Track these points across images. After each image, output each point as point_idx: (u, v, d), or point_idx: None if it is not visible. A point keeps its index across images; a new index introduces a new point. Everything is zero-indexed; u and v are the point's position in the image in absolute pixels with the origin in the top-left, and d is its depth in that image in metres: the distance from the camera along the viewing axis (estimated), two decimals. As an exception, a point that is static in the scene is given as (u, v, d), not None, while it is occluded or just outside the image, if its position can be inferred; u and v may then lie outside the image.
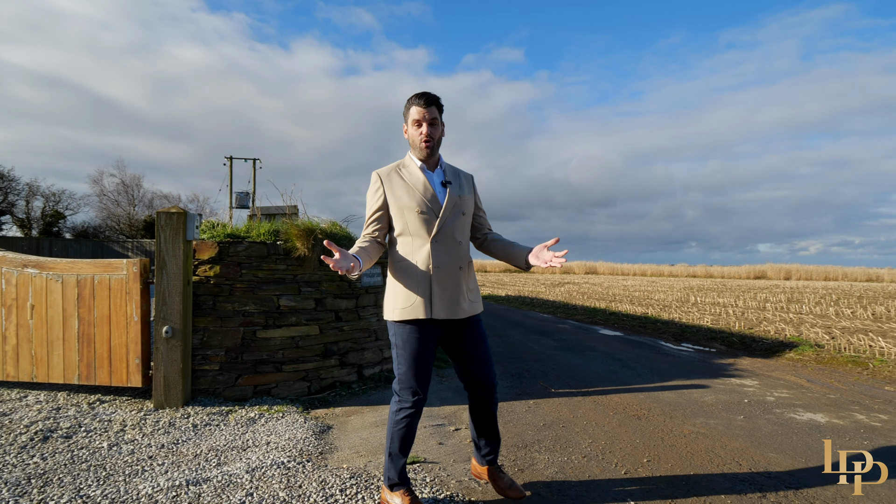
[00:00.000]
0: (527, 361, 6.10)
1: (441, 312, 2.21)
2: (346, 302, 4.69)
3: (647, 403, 4.27)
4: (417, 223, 2.23)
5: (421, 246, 2.23)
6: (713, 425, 3.70)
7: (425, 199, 2.23)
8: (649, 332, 9.27)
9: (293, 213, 5.28)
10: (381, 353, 4.98)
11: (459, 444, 3.26)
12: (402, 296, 2.24)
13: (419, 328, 2.21)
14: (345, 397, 4.27)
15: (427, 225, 2.23)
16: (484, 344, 2.34)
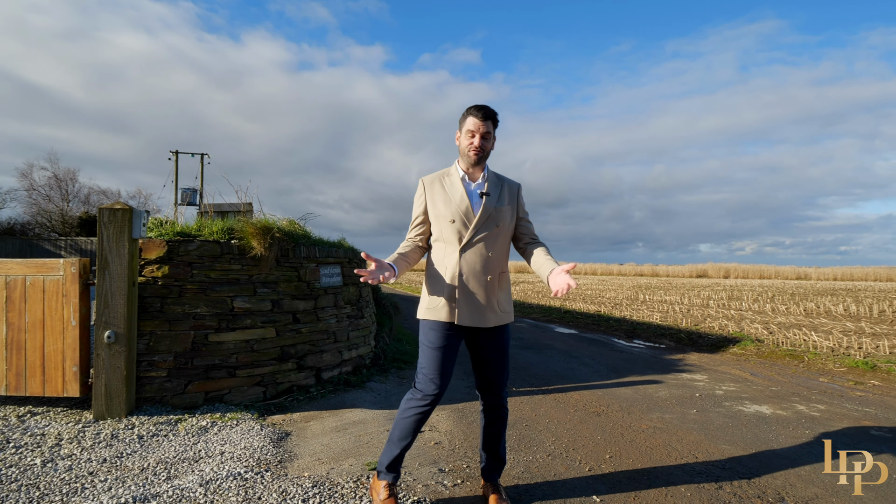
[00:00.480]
0: (487, 361, 6.12)
1: (465, 320, 2.26)
2: (305, 303, 4.54)
3: (605, 400, 4.36)
4: (450, 232, 2.30)
5: (451, 253, 2.31)
6: (669, 420, 3.83)
7: (459, 210, 2.29)
8: (602, 330, 9.54)
9: (248, 210, 5.07)
10: (339, 355, 4.85)
11: (424, 446, 3.21)
12: (430, 297, 2.34)
13: (443, 329, 2.28)
14: (303, 402, 4.13)
15: (458, 234, 2.29)
16: (503, 354, 2.36)
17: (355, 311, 5.28)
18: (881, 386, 5.19)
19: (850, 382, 5.31)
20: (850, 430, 3.62)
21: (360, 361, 5.20)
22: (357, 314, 5.31)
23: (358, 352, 5.19)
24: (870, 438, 3.45)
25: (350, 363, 5.02)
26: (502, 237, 2.35)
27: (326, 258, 4.90)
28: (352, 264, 5.40)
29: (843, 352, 6.88)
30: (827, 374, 5.70)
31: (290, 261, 4.51)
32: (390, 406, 4.09)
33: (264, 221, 4.37)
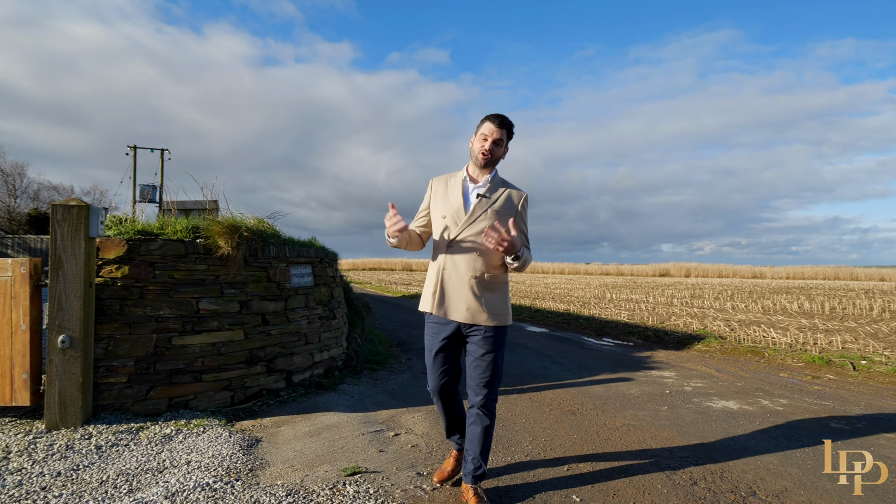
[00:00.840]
0: (461, 361, 6.09)
1: (444, 312, 2.38)
2: (274, 304, 4.39)
3: (579, 398, 4.40)
4: (440, 228, 2.45)
5: (440, 248, 2.44)
6: (642, 417, 3.88)
7: (452, 208, 2.40)
8: (573, 328, 9.67)
9: (214, 208, 4.87)
10: (311, 357, 4.72)
11: (400, 449, 3.14)
12: (425, 288, 2.52)
13: (433, 320, 2.47)
14: (273, 406, 3.99)
15: (447, 232, 2.40)
16: (487, 354, 2.36)
17: (327, 312, 5.15)
18: (836, 380, 5.43)
19: (808, 377, 5.53)
20: (812, 423, 3.76)
21: (332, 363, 5.09)
22: (329, 315, 5.18)
23: (330, 353, 5.07)
24: (831, 431, 3.58)
25: (322, 365, 4.90)
26: None
27: (297, 258, 4.76)
28: (323, 264, 5.28)
29: (800, 347, 7.17)
30: (786, 370, 5.93)
31: (259, 261, 4.36)
32: (364, 409, 4.01)
33: (232, 220, 4.20)
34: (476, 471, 2.43)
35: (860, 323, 10.13)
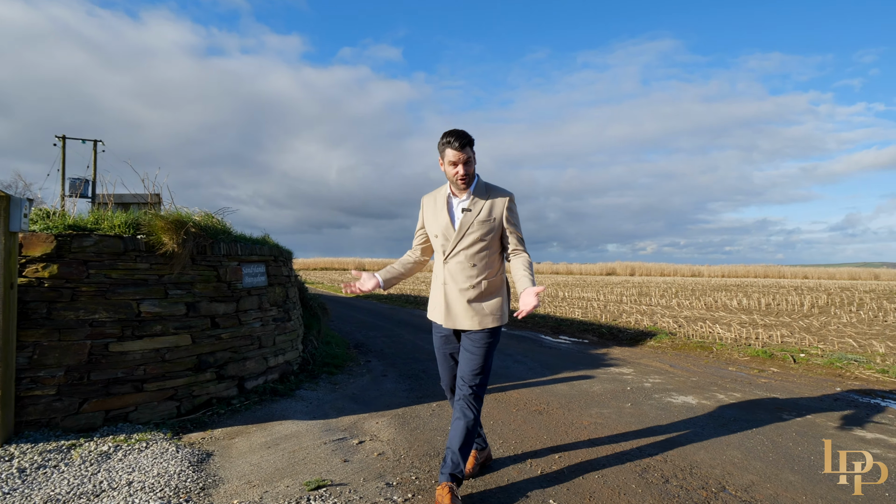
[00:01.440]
0: (422, 361, 5.95)
1: (449, 322, 2.50)
2: (225, 306, 4.09)
3: (544, 397, 4.37)
4: (437, 245, 2.59)
5: (439, 264, 2.58)
6: (608, 415, 3.89)
7: (441, 226, 2.52)
8: (530, 327, 9.74)
9: (156, 202, 4.50)
10: (265, 362, 4.45)
11: (366, 458, 2.97)
12: (431, 299, 2.65)
13: (439, 328, 2.62)
14: (224, 416, 3.71)
15: (442, 248, 2.54)
16: (476, 354, 2.46)
17: (282, 314, 4.88)
18: (780, 372, 5.70)
19: (754, 370, 5.78)
20: (766, 416, 3.89)
21: (287, 368, 4.82)
22: (284, 316, 4.91)
23: (285, 357, 4.81)
24: (784, 422, 3.72)
25: (276, 370, 4.63)
26: (486, 248, 2.48)
27: (249, 256, 4.47)
28: (277, 262, 5.00)
29: (744, 342, 7.52)
30: (734, 364, 6.18)
31: (208, 259, 4.05)
32: (324, 416, 3.80)
33: (177, 214, 3.88)
34: (455, 468, 2.38)
35: (793, 318, 10.80)
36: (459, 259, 2.46)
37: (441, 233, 2.51)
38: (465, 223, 2.45)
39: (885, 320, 10.31)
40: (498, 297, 2.51)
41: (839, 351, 6.77)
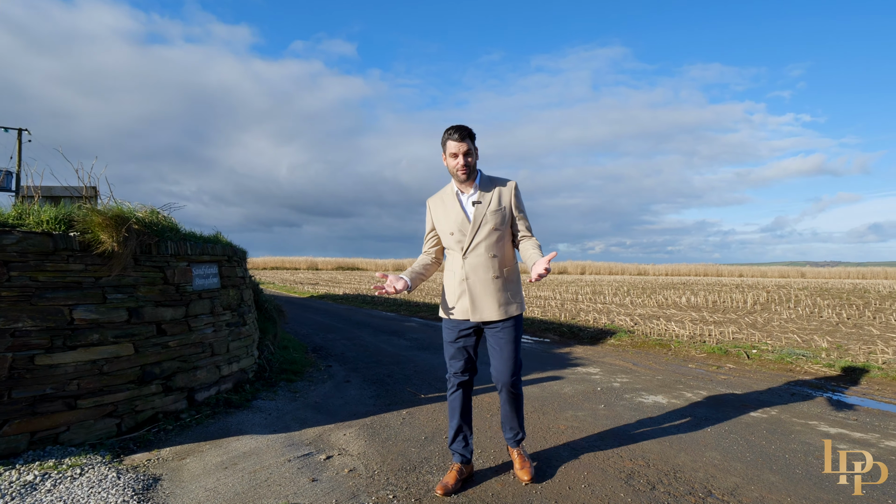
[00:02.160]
0: (386, 365, 5.71)
1: (475, 316, 2.53)
2: (173, 311, 3.72)
3: (516, 401, 4.25)
4: (452, 242, 2.60)
5: (457, 260, 2.59)
6: (583, 418, 3.81)
7: (456, 222, 2.57)
8: (491, 327, 9.67)
9: (91, 195, 4.04)
10: (218, 370, 4.09)
11: (337, 476, 2.73)
12: (446, 299, 2.65)
13: (456, 326, 2.60)
14: (173, 433, 3.35)
15: (459, 243, 2.56)
16: (509, 343, 2.56)
17: (236, 318, 4.52)
18: (736, 368, 5.86)
19: (713, 367, 5.92)
20: (734, 412, 3.93)
21: (242, 376, 4.47)
22: (238, 321, 4.55)
23: (240, 365, 4.45)
24: (751, 419, 3.77)
25: (231, 379, 4.27)
26: (501, 238, 2.55)
27: (200, 256, 4.10)
28: (231, 263, 4.63)
29: (699, 339, 7.73)
30: (693, 361, 6.31)
31: (154, 259, 3.67)
32: (286, 428, 3.51)
33: (118, 209, 3.48)
34: (516, 436, 2.76)
35: (739, 315, 11.30)
36: (479, 251, 2.52)
37: (457, 228, 2.56)
38: (479, 215, 2.52)
39: (821, 316, 10.96)
40: (517, 284, 2.62)
41: (787, 346, 7.07)
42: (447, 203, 2.62)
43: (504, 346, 2.55)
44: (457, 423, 2.67)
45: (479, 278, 2.51)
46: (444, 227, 2.61)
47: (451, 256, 2.63)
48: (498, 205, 2.53)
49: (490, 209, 2.52)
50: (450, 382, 2.68)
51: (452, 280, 2.60)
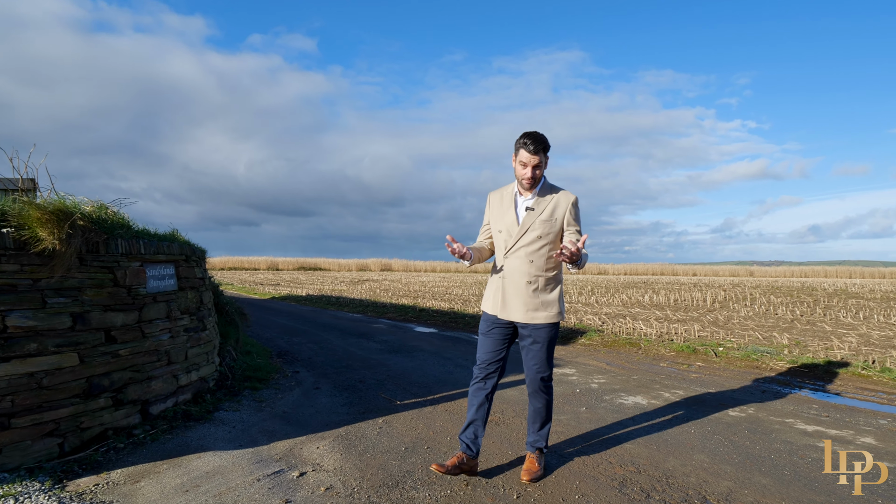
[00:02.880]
0: (357, 370, 5.46)
1: (505, 314, 2.62)
2: (124, 316, 3.38)
3: (496, 405, 4.11)
4: (499, 240, 2.70)
5: (500, 258, 2.69)
6: (566, 422, 3.71)
7: (505, 222, 2.66)
8: (461, 327, 9.54)
9: (30, 188, 3.63)
10: (175, 380, 3.76)
11: (312, 496, 2.50)
12: (486, 292, 2.78)
13: (492, 321, 2.69)
14: (125, 451, 3.03)
15: (504, 243, 2.66)
16: (541, 348, 2.64)
17: (195, 323, 4.19)
18: (705, 366, 5.94)
19: (683, 366, 5.97)
20: (713, 412, 3.92)
21: (202, 385, 4.14)
22: (197, 326, 4.22)
23: (199, 373, 4.12)
24: (732, 418, 3.76)
25: (190, 389, 3.94)
26: (545, 246, 2.59)
27: (155, 255, 3.76)
28: (189, 263, 4.29)
29: (667, 338, 7.83)
30: (663, 359, 6.36)
31: (102, 259, 3.31)
32: (253, 442, 3.24)
33: (60, 203, 3.11)
34: (536, 442, 2.79)
35: (700, 313, 11.60)
36: (519, 255, 2.59)
37: (505, 229, 2.64)
38: (528, 221, 2.59)
39: (776, 313, 11.39)
40: (555, 294, 2.64)
41: (751, 344, 7.25)
42: (504, 202, 2.70)
43: (534, 353, 2.66)
44: (471, 417, 2.71)
45: (514, 281, 2.59)
46: (496, 225, 2.71)
47: (497, 254, 2.72)
48: (551, 215, 2.59)
49: (541, 217, 2.58)
50: (474, 374, 2.75)
51: (493, 276, 2.74)
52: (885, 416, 3.89)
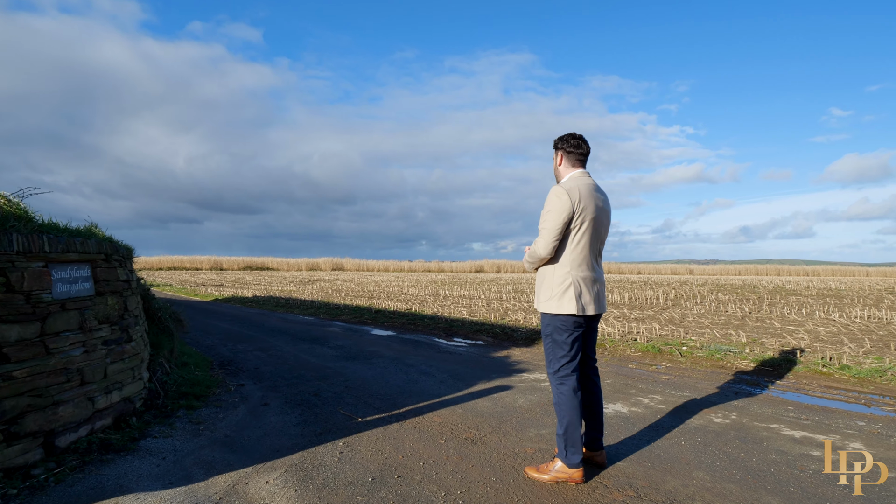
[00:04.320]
0: (310, 381, 4.94)
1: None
2: (21, 328, 2.75)
3: (470, 419, 3.73)
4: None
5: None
6: (548, 437, 3.38)
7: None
8: (420, 329, 9.13)
9: None
10: (90, 404, 3.14)
11: (261, 550, 2.02)
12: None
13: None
14: (18, 500, 2.41)
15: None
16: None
17: (118, 333, 3.56)
18: (672, 367, 5.83)
19: (651, 367, 5.83)
20: (697, 421, 3.72)
21: (126, 407, 3.52)
22: (120, 337, 3.59)
23: (123, 393, 3.50)
24: (719, 427, 3.57)
25: (109, 413, 3.33)
26: None
27: (65, 254, 3.12)
28: (110, 263, 3.65)
29: (630, 337, 7.75)
30: (630, 360, 6.22)
31: (-9, 258, 2.67)
32: (186, 478, 2.69)
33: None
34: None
35: (655, 311, 11.73)
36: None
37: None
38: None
39: (727, 311, 11.69)
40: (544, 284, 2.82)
41: (712, 343, 7.26)
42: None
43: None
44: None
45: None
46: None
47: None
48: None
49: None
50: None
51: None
52: (860, 417, 3.83)
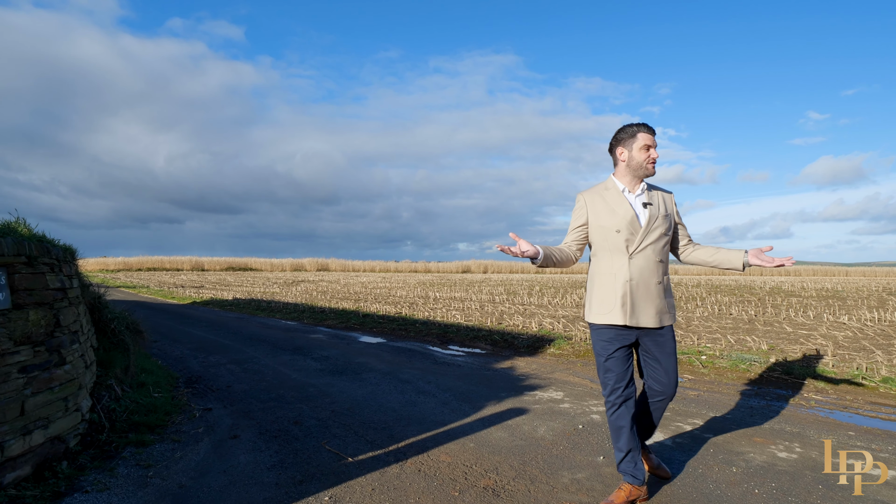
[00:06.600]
0: (290, 403, 4.22)
1: (637, 321, 2.43)
2: None
3: (485, 458, 3.06)
4: (617, 240, 2.48)
5: (620, 261, 2.48)
6: (588, 483, 2.72)
7: (625, 220, 2.47)
8: (413, 336, 8.45)
9: None
10: (26, 439, 2.41)
11: None
12: (601, 300, 2.50)
13: (615, 333, 2.48)
14: None
15: (625, 243, 2.47)
16: (673, 354, 2.52)
17: (43, 356, 2.82)
18: (696, 379, 5.33)
19: (674, 380, 5.24)
20: (755, 453, 3.12)
21: (54, 449, 2.79)
22: (48, 360, 2.85)
23: (49, 432, 2.77)
24: (786, 465, 2.96)
25: (28, 460, 2.59)
26: (667, 244, 2.54)
27: (-35, 256, 2.38)
28: (36, 267, 2.91)
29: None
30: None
31: None
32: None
33: None
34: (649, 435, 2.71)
35: (657, 313, 11.21)
36: (647, 254, 2.46)
37: (625, 227, 2.47)
38: (653, 217, 2.48)
39: (731, 313, 11.22)
40: (672, 294, 2.59)
41: (728, 350, 6.71)
42: (611, 200, 2.53)
43: (668, 356, 2.51)
44: (626, 447, 2.45)
45: (644, 282, 2.44)
46: (610, 224, 2.50)
47: (611, 258, 2.50)
48: (665, 211, 2.54)
49: (661, 213, 2.51)
50: (609, 401, 2.49)
51: (610, 281, 2.48)
52: (937, 446, 3.26)
